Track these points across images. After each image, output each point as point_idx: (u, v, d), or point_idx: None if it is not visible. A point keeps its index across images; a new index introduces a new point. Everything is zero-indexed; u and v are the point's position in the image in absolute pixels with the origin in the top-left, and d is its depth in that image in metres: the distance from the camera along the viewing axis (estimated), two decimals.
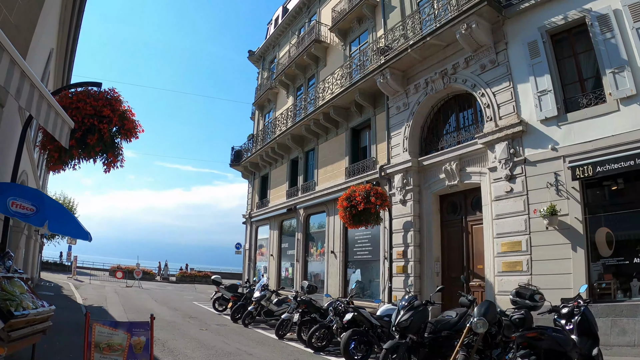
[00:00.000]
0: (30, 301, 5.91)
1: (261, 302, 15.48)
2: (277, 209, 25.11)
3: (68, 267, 40.60)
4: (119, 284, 32.99)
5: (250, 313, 15.35)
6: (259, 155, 27.11)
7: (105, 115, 7.86)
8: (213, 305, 19.30)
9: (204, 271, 47.92)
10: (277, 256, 25.03)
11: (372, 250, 17.84)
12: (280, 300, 15.90)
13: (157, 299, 23.58)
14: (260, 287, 15.81)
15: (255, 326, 15.43)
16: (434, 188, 15.03)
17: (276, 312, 15.70)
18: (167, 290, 31.76)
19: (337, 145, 20.79)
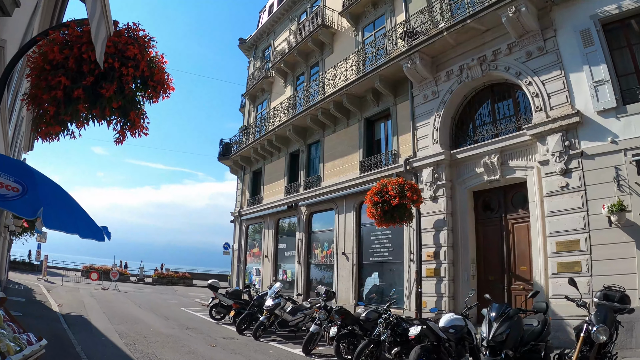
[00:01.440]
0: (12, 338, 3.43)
1: (275, 311, 13.07)
2: (272, 207, 22.70)
3: (37, 267, 37.12)
4: (94, 285, 29.83)
5: (262, 324, 12.96)
6: (252, 148, 24.61)
7: (129, 56, 5.09)
8: (210, 312, 16.73)
9: (181, 272, 44.82)
10: (272, 258, 22.59)
11: (393, 251, 15.76)
12: (294, 309, 13.52)
13: (140, 304, 20.79)
14: (273, 294, 13.38)
15: (267, 338, 13.05)
16: (469, 183, 13.48)
17: (291, 322, 13.41)
18: (146, 294, 28.78)
19: (347, 137, 18.61)
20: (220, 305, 16.45)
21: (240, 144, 26.69)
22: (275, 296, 13.30)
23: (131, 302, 21.23)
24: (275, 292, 13.47)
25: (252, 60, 29.17)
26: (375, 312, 10.50)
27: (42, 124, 5.28)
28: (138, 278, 40.86)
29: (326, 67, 20.43)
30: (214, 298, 16.71)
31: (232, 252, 27.19)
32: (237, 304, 15.35)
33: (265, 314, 13.09)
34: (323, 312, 11.36)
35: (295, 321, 13.47)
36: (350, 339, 10.37)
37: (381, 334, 9.36)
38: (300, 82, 23.07)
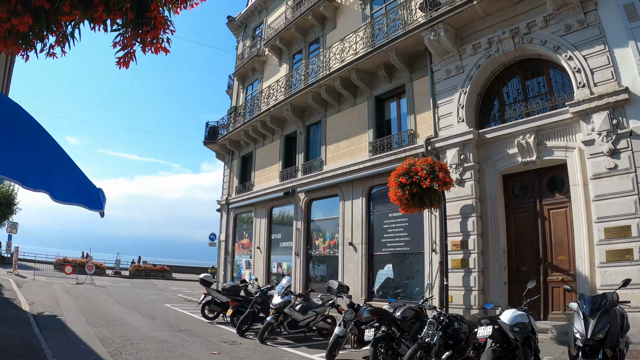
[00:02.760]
0: None
1: (284, 310, 11.01)
2: (265, 193, 20.59)
3: (8, 260, 34.08)
4: (68, 280, 27.06)
5: (270, 325, 10.92)
6: (242, 130, 22.35)
7: None
8: (202, 311, 14.49)
9: (159, 265, 42.15)
10: (265, 249, 20.47)
11: (410, 240, 13.94)
12: (304, 307, 11.47)
13: (120, 300, 18.43)
14: (282, 291, 11.31)
15: (274, 342, 11.05)
16: (499, 166, 12.02)
17: (301, 321, 11.39)
18: (125, 288, 26.26)
19: (354, 117, 16.66)
20: (214, 303, 14.27)
21: (228, 127, 24.40)
22: (284, 292, 11.26)
23: (110, 299, 18.88)
24: (284, 287, 11.43)
25: (240, 39, 26.87)
26: (412, 309, 8.78)
27: (16, 27, 3.12)
28: (115, 271, 38.14)
29: (328, 44, 18.41)
30: (206, 294, 14.58)
31: (219, 244, 24.92)
32: (235, 301, 13.22)
33: (272, 314, 11.07)
34: (350, 312, 9.42)
35: (306, 320, 11.50)
36: (388, 342, 8.46)
37: (431, 336, 7.53)
38: (297, 61, 20.97)
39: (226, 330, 12.39)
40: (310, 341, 11.38)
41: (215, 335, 11.50)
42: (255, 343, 10.65)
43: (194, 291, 26.90)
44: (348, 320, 9.32)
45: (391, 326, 8.66)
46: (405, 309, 8.82)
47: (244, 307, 12.85)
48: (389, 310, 8.97)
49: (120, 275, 37.18)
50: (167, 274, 39.22)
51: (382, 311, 8.97)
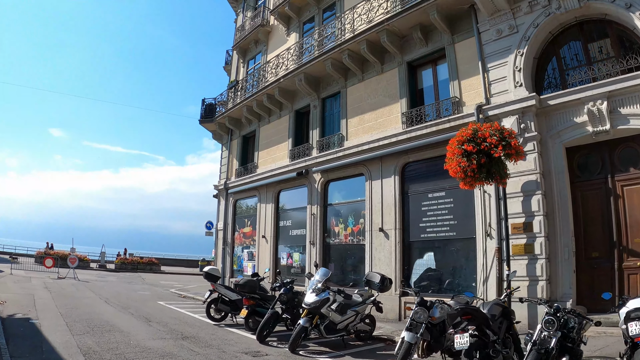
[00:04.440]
0: None
1: (322, 310, 8.52)
2: (272, 175, 18.04)
3: None
4: (49, 274, 24.30)
5: (304, 330, 8.45)
6: (245, 106, 19.70)
7: None
8: (207, 311, 11.95)
9: (147, 257, 39.27)
10: (272, 238, 17.89)
11: (456, 225, 11.66)
12: (342, 305, 9.00)
13: (107, 298, 15.69)
14: (318, 286, 8.81)
15: (305, 350, 8.69)
16: (564, 137, 10.20)
17: (339, 323, 8.98)
18: (112, 283, 23.52)
19: (381, 86, 14.26)
20: (222, 301, 11.80)
21: (228, 104, 21.74)
22: (321, 288, 8.78)
23: (95, 296, 16.22)
24: (320, 282, 8.94)
25: (240, 11, 24.19)
26: (498, 305, 6.97)
27: None
28: (99, 264, 35.16)
29: (345, 8, 15.91)
30: (212, 291, 12.06)
31: (216, 233, 22.28)
32: (250, 299, 10.74)
33: (304, 315, 8.64)
34: (421, 312, 7.05)
35: (345, 322, 9.14)
36: (482, 349, 6.16)
37: (547, 338, 5.67)
38: (308, 30, 18.41)
39: (241, 336, 9.97)
40: (349, 348, 9.08)
41: (230, 343, 9.02)
42: (284, 353, 8.29)
43: (186, 285, 24.48)
44: (418, 323, 6.96)
45: (484, 328, 6.32)
46: (492, 304, 6.93)
47: (262, 307, 10.62)
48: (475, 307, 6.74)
49: (105, 268, 34.28)
50: (155, 267, 36.55)
51: (472, 309, 6.61)
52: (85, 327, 9.55)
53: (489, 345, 6.24)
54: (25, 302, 13.09)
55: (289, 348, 8.23)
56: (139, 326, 10.28)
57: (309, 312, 8.58)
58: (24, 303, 12.77)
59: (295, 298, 9.84)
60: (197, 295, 18.69)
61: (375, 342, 9.71)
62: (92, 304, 13.92)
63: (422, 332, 6.89)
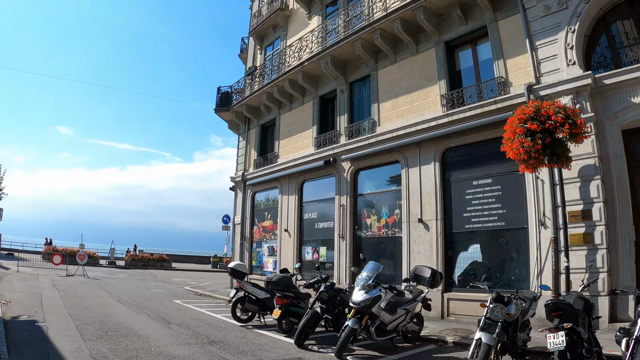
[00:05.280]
0: None
1: (372, 309, 7.68)
2: (294, 165, 17.34)
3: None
4: (57, 271, 23.72)
5: (353, 332, 7.58)
6: (264, 92, 18.94)
7: None
8: (232, 311, 11.17)
9: (157, 254, 38.69)
10: (295, 231, 17.14)
11: (505, 214, 10.92)
12: (392, 303, 8.14)
13: (119, 297, 15.00)
14: (366, 283, 7.94)
15: (352, 354, 7.92)
16: (622, 118, 9.58)
17: (390, 324, 8.15)
18: (123, 280, 22.88)
19: (416, 68, 13.51)
20: (249, 300, 11.02)
21: (244, 92, 20.93)
22: (372, 285, 7.95)
23: (107, 295, 15.53)
24: (371, 278, 8.07)
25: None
26: (581, 298, 6.45)
27: None
28: (109, 261, 34.72)
29: None
30: (238, 289, 11.23)
31: (233, 227, 21.52)
32: (284, 297, 9.96)
33: (352, 315, 7.76)
34: (498, 309, 6.28)
35: (395, 322, 8.31)
36: (576, 351, 5.44)
37: None
38: (332, 12, 17.59)
39: (275, 340, 9.17)
40: (399, 351, 8.33)
41: (264, 348, 8.19)
42: (330, 359, 7.46)
43: (200, 282, 23.85)
44: (494, 321, 6.13)
45: (575, 326, 5.55)
46: (575, 298, 6.35)
47: (296, 306, 9.93)
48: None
49: (115, 265, 33.86)
50: (166, 264, 36.11)
51: (564, 304, 5.88)
52: (98, 330, 8.79)
53: (579, 345, 5.47)
54: (32, 302, 12.41)
55: (336, 354, 7.41)
56: (158, 329, 9.50)
57: (358, 312, 7.76)
58: (30, 303, 12.10)
59: (337, 296, 9.12)
60: (214, 293, 18.05)
61: (425, 344, 8.95)
62: (104, 303, 13.26)
63: (499, 332, 6.06)
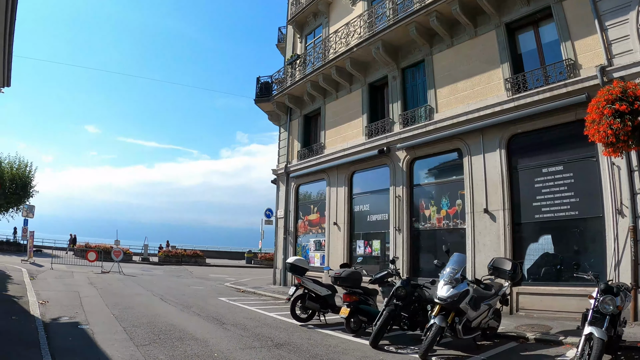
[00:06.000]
0: None
1: (460, 305, 7.62)
2: (343, 156, 17.45)
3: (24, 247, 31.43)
4: (92, 268, 24.37)
5: (442, 331, 7.45)
6: (309, 81, 19.07)
7: None
8: (291, 309, 11.08)
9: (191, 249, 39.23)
10: (345, 225, 17.24)
11: (578, 202, 10.81)
12: (475, 298, 8.09)
13: (161, 294, 15.22)
14: (453, 277, 7.84)
15: (437, 356, 7.75)
16: None
17: (474, 321, 8.07)
18: (159, 277, 23.39)
19: (475, 51, 13.44)
20: (309, 298, 10.97)
21: (286, 82, 21.00)
22: (459, 278, 7.84)
23: (147, 292, 15.78)
24: (457, 271, 7.96)
25: None
26: None
27: None
28: (142, 257, 35.70)
29: None
30: (297, 286, 11.14)
31: (276, 221, 21.69)
32: (353, 294, 9.87)
33: (437, 312, 7.59)
34: (610, 302, 6.26)
35: (479, 319, 8.22)
36: None
37: None
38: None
39: (345, 340, 9.05)
40: (483, 350, 8.21)
41: (336, 350, 8.03)
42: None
43: (239, 279, 24.18)
44: (603, 314, 6.07)
45: None
46: None
47: (365, 304, 9.86)
48: None
49: (148, 261, 34.69)
50: (200, 260, 36.82)
51: None
52: (148, 333, 8.53)
53: None
54: (70, 301, 12.33)
55: (422, 355, 7.22)
56: (213, 331, 9.33)
57: (443, 309, 7.63)
58: (69, 303, 11.99)
59: (413, 292, 8.97)
60: (257, 289, 18.26)
61: (505, 341, 8.85)
62: (146, 302, 13.25)
63: (607, 325, 5.97)
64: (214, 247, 52.78)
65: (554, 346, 8.19)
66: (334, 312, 10.93)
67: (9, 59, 15.18)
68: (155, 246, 40.97)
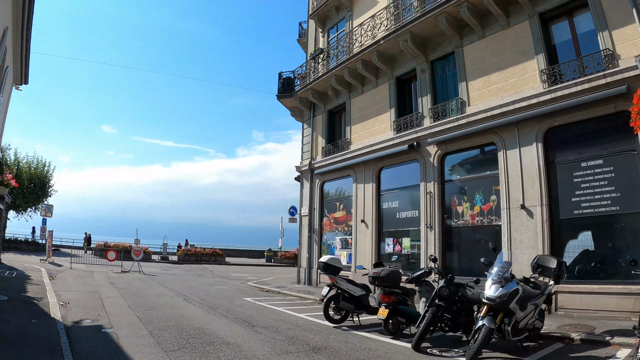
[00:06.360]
0: None
1: (510, 305, 7.50)
2: (370, 152, 17.47)
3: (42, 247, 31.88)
4: (111, 267, 24.71)
5: (491, 332, 7.34)
6: (334, 75, 19.08)
7: None
8: (325, 310, 10.93)
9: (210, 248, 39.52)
10: (373, 222, 17.24)
11: (620, 197, 10.65)
12: (523, 298, 7.94)
13: (185, 294, 15.25)
14: (502, 275, 7.71)
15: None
16: None
17: (521, 321, 7.87)
18: (180, 276, 23.61)
19: (507, 43, 13.36)
20: (343, 298, 10.88)
21: (309, 76, 21.01)
22: (508, 277, 7.71)
23: (170, 292, 15.80)
24: (506, 270, 7.83)
25: None
26: None
27: None
28: (161, 256, 36.18)
29: None
30: (331, 286, 11.04)
31: (300, 219, 21.73)
32: (390, 295, 9.77)
33: (485, 313, 7.44)
34: None
35: (526, 319, 8.03)
36: None
37: None
38: None
39: (384, 343, 8.94)
40: (529, 352, 8.05)
41: (378, 355, 7.91)
42: None
43: (261, 278, 24.24)
44: None
45: None
46: None
47: (404, 304, 9.76)
48: None
49: (168, 260, 35.08)
50: (219, 258, 37.18)
51: None
52: (176, 337, 8.28)
53: None
54: (92, 302, 12.16)
55: (470, 358, 7.05)
56: (245, 334, 9.06)
57: (492, 310, 7.41)
58: (91, 304, 11.83)
59: (457, 291, 8.76)
60: (282, 289, 18.33)
61: (550, 342, 8.70)
62: (171, 303, 13.11)
63: None
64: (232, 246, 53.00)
65: (602, 347, 8.06)
66: (369, 312, 10.90)
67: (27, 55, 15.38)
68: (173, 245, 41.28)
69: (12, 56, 14.76)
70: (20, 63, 15.77)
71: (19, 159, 36.12)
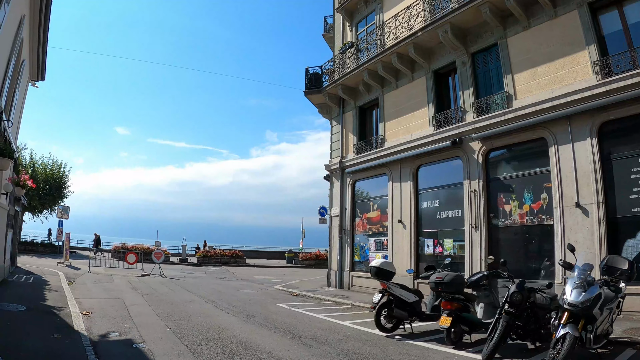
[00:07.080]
0: None
1: (593, 311, 7.14)
2: (408, 149, 17.47)
3: (59, 248, 32.23)
4: (131, 271, 25.04)
5: (576, 341, 6.89)
6: (366, 70, 19.13)
7: None
8: (376, 318, 10.49)
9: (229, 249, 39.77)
10: (411, 222, 17.26)
11: None
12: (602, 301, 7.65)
13: (214, 301, 15.06)
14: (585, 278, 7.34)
15: None
16: None
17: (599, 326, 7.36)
18: (203, 280, 23.87)
19: (555, 34, 13.25)
20: (397, 305, 10.57)
21: (339, 71, 21.01)
22: (591, 280, 7.42)
23: (198, 299, 15.61)
24: (588, 272, 7.56)
25: None
26: None
27: None
28: (180, 258, 36.56)
29: None
30: (383, 292, 10.72)
31: (330, 220, 21.76)
32: (453, 301, 9.50)
33: (567, 320, 7.04)
34: None
35: (602, 325, 7.59)
36: None
37: None
38: None
39: (450, 355, 8.55)
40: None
41: None
42: None
43: (286, 281, 24.29)
44: None
45: None
46: None
47: (467, 311, 9.57)
48: None
49: (187, 262, 35.47)
50: (240, 260, 37.63)
51: None
52: (219, 354, 7.68)
53: None
54: (117, 311, 11.82)
55: None
56: (294, 348, 8.57)
57: (572, 315, 7.07)
58: (115, 313, 11.46)
59: (529, 297, 8.47)
60: (313, 293, 18.42)
61: (621, 348, 8.50)
62: (202, 311, 12.80)
63: None
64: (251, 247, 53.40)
65: None
66: (421, 320, 10.82)
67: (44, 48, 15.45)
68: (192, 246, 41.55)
69: (28, 49, 14.82)
70: (37, 57, 15.74)
71: (34, 160, 36.67)
